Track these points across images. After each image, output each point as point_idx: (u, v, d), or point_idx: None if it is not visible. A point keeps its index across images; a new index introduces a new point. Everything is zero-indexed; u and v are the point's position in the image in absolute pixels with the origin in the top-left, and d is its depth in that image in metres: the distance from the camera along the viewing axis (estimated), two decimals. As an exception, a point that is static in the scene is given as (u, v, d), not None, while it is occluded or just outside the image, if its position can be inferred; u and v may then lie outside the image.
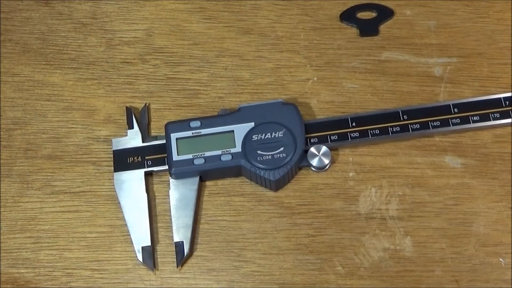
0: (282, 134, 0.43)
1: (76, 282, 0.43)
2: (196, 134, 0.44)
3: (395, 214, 0.43)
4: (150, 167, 0.44)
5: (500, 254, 0.42)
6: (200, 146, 0.44)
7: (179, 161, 0.43)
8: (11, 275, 0.43)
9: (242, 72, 0.48)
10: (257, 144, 0.43)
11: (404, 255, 0.43)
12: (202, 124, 0.44)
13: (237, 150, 0.43)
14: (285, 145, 0.43)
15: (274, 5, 0.49)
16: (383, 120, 0.44)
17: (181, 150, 0.44)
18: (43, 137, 0.46)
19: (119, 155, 0.45)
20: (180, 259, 0.42)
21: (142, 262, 0.42)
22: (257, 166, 0.43)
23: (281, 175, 0.43)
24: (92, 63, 0.48)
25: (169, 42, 0.49)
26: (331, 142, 0.44)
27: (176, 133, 0.44)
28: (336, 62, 0.48)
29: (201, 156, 0.43)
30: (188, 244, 0.42)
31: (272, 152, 0.43)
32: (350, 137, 0.44)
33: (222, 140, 0.44)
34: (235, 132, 0.44)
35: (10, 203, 0.45)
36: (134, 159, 0.44)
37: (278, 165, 0.43)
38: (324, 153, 0.44)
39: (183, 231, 0.43)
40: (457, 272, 0.42)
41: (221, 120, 0.44)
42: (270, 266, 0.43)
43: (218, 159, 0.43)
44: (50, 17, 0.49)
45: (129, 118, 0.46)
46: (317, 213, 0.44)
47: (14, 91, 0.47)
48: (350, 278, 0.42)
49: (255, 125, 0.44)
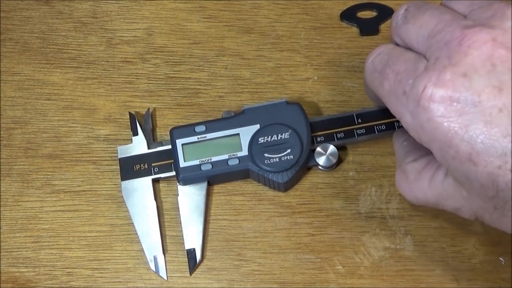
0: (288, 136, 0.43)
1: (76, 281, 0.43)
2: (202, 138, 0.44)
3: (396, 213, 0.43)
4: (157, 174, 0.44)
5: (500, 253, 0.42)
6: (206, 151, 0.43)
7: (186, 167, 0.43)
8: (11, 274, 0.43)
9: (242, 71, 0.48)
10: (263, 146, 0.43)
11: (404, 254, 0.43)
12: (207, 128, 0.44)
13: (244, 154, 0.43)
14: (291, 147, 0.43)
15: (275, 4, 0.49)
16: (389, 116, 0.43)
17: (187, 156, 0.43)
18: (43, 136, 0.46)
19: (126, 163, 0.44)
20: (193, 266, 0.42)
21: (154, 271, 0.42)
22: (265, 169, 0.43)
23: (289, 177, 0.43)
24: (92, 62, 0.48)
25: (169, 41, 0.49)
26: (337, 140, 0.44)
27: (182, 139, 0.44)
28: (336, 61, 0.48)
29: (208, 162, 0.43)
30: (200, 251, 0.42)
31: (279, 155, 0.43)
32: (356, 134, 0.44)
33: (228, 144, 0.43)
34: (241, 135, 0.43)
35: (10, 202, 0.45)
36: (141, 166, 0.44)
37: (286, 167, 0.42)
38: (331, 152, 0.44)
39: (194, 238, 0.43)
40: (457, 271, 0.42)
41: (226, 123, 0.44)
42: (270, 265, 0.43)
43: (225, 164, 0.43)
44: (50, 16, 0.49)
45: (133, 124, 0.45)
46: (317, 212, 0.44)
47: (14, 90, 0.47)
48: (350, 277, 0.42)
49: (260, 127, 0.43)
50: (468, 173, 0.32)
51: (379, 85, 0.36)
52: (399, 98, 0.34)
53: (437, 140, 0.33)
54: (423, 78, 0.33)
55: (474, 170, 0.32)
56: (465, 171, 0.32)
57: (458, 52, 0.32)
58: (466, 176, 0.33)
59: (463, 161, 0.32)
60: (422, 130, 0.33)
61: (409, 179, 0.38)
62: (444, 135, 0.32)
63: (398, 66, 0.35)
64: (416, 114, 0.33)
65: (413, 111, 0.33)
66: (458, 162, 0.32)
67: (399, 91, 0.34)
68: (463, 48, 0.32)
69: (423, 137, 0.34)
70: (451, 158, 0.32)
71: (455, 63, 0.32)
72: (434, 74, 0.32)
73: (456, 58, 0.32)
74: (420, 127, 0.33)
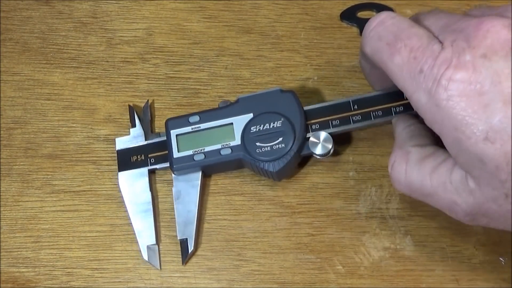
0: (280, 124, 0.43)
1: (76, 281, 0.43)
2: (196, 129, 0.44)
3: (396, 213, 0.43)
4: (154, 165, 0.44)
5: (500, 253, 0.42)
6: (200, 141, 0.43)
7: (180, 157, 0.43)
8: (11, 274, 0.43)
9: (242, 71, 0.48)
10: (255, 135, 0.43)
11: (404, 254, 0.43)
12: (201, 118, 0.44)
13: (237, 143, 0.43)
14: (283, 135, 0.42)
15: (275, 4, 0.49)
16: (386, 101, 0.43)
17: (181, 146, 0.43)
18: (43, 136, 0.46)
19: (123, 154, 0.45)
20: (185, 257, 0.42)
21: (147, 261, 0.42)
22: (257, 158, 0.42)
23: (281, 166, 0.42)
24: (92, 62, 0.48)
25: (169, 41, 0.49)
26: (332, 127, 0.43)
27: (176, 130, 0.44)
28: (336, 61, 0.48)
29: (201, 152, 0.43)
30: (192, 241, 0.42)
31: (270, 143, 0.42)
32: (352, 120, 0.43)
33: (222, 134, 0.43)
34: (234, 125, 0.43)
35: (10, 202, 0.45)
36: (138, 157, 0.44)
37: (277, 156, 0.42)
38: (324, 138, 0.43)
39: (187, 228, 0.43)
40: (457, 271, 0.42)
41: (220, 113, 0.44)
42: (270, 265, 0.43)
43: (218, 154, 0.43)
44: (50, 16, 0.49)
45: (132, 116, 0.46)
46: (317, 212, 0.44)
47: (14, 90, 0.47)
48: (350, 277, 0.42)
49: (253, 116, 0.43)
50: (483, 153, 0.32)
51: (388, 57, 0.36)
52: (414, 76, 0.35)
53: (453, 119, 0.33)
54: (442, 59, 0.33)
55: (491, 149, 0.32)
56: (480, 151, 0.33)
57: (476, 35, 0.33)
58: (480, 158, 0.33)
59: (479, 140, 0.32)
60: (438, 109, 0.34)
61: (410, 161, 0.38)
62: (462, 114, 0.33)
63: (411, 42, 0.35)
64: (434, 93, 0.34)
65: (430, 90, 0.34)
66: (473, 142, 0.33)
67: (414, 68, 0.35)
68: (481, 32, 0.33)
69: (437, 116, 0.34)
70: (466, 138, 0.33)
71: (474, 45, 0.33)
72: (454, 55, 0.33)
73: (475, 41, 0.33)
74: (436, 106, 0.34)
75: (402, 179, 0.38)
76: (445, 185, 0.36)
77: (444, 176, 0.36)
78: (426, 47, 0.35)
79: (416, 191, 0.38)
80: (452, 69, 0.33)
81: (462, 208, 0.35)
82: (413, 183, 0.37)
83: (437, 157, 0.37)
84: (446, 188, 0.36)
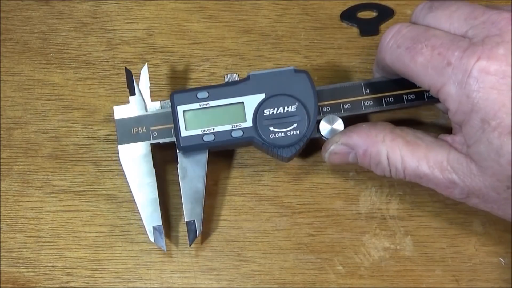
0: (295, 109, 0.41)
1: (76, 281, 0.43)
2: (204, 106, 0.41)
3: (396, 214, 0.44)
4: (156, 139, 0.42)
5: (500, 253, 0.42)
6: (209, 119, 0.41)
7: (188, 137, 0.41)
8: (11, 274, 0.43)
9: (242, 72, 0.48)
10: (269, 119, 0.41)
11: (404, 255, 0.43)
12: (210, 95, 0.41)
13: (248, 125, 0.41)
14: (298, 121, 0.41)
15: (275, 4, 0.49)
16: (398, 87, 0.43)
17: (189, 124, 0.41)
18: (43, 136, 0.46)
19: (123, 125, 0.42)
20: (193, 238, 0.41)
21: (154, 242, 0.41)
22: (270, 143, 0.41)
23: (294, 152, 0.41)
24: (92, 63, 0.48)
25: (169, 42, 0.49)
26: (344, 111, 0.43)
27: (183, 105, 0.41)
28: (336, 61, 0.48)
29: (210, 132, 0.41)
30: (200, 223, 0.41)
31: (285, 129, 0.41)
32: (363, 105, 0.43)
33: (232, 113, 0.41)
34: (245, 104, 0.41)
35: (11, 202, 0.45)
36: (139, 129, 0.42)
37: (292, 142, 0.41)
38: (337, 123, 0.42)
39: (195, 209, 0.41)
40: (457, 272, 0.42)
41: (230, 90, 0.41)
42: (270, 266, 0.43)
43: (228, 135, 0.41)
44: (50, 16, 0.49)
45: (130, 82, 0.43)
46: (317, 212, 0.44)
47: (14, 90, 0.47)
48: (350, 277, 0.42)
49: (266, 97, 0.41)
50: (502, 147, 0.33)
51: (409, 60, 0.37)
52: (441, 70, 0.35)
53: (481, 110, 0.34)
54: (474, 51, 0.34)
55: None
56: (501, 144, 0.33)
57: (510, 30, 0.34)
58: (497, 151, 0.34)
59: (503, 134, 0.33)
60: (467, 100, 0.34)
61: (404, 143, 0.39)
62: (492, 106, 0.33)
63: (431, 41, 0.36)
64: (465, 84, 0.34)
65: (461, 81, 0.34)
66: (497, 135, 0.33)
67: (441, 62, 0.35)
68: None
69: (465, 106, 0.34)
70: (491, 130, 0.33)
71: (508, 40, 0.34)
72: (487, 48, 0.34)
73: (509, 36, 0.34)
74: (466, 96, 0.34)
75: (398, 162, 0.39)
76: (442, 164, 0.37)
77: (441, 156, 0.37)
78: (450, 44, 0.35)
79: (412, 172, 0.38)
80: (485, 61, 0.34)
81: (460, 186, 0.36)
82: (410, 165, 0.38)
83: (441, 141, 0.38)
84: (443, 167, 0.37)
